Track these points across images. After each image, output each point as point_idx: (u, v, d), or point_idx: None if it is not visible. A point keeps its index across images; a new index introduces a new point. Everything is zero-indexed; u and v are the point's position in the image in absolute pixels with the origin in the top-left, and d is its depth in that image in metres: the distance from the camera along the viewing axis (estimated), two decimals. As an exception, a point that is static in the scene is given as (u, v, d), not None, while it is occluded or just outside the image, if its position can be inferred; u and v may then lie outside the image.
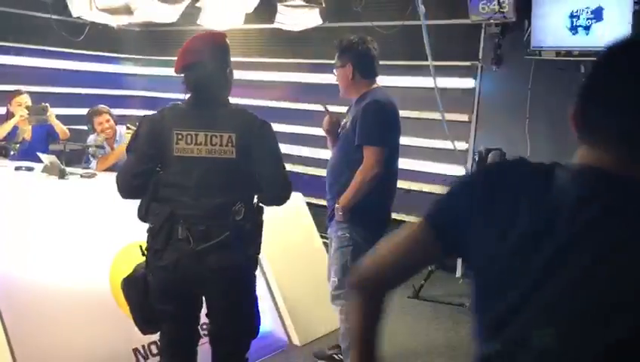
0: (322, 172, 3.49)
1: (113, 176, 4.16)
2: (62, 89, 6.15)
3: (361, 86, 2.95)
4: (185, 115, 2.19)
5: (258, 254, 2.30)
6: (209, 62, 2.20)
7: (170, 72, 6.88)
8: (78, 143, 4.67)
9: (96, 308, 2.85)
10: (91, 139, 4.49)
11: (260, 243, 2.29)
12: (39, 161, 4.31)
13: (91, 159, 4.49)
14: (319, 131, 3.38)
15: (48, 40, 6.06)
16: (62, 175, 3.96)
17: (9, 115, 4.85)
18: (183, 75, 2.25)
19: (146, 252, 2.21)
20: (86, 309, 2.81)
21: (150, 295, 2.19)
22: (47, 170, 4.12)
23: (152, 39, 7.06)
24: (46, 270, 2.78)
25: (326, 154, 3.31)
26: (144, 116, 2.24)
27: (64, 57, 6.35)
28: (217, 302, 2.24)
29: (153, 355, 2.93)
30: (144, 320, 2.27)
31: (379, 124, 2.88)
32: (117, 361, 2.81)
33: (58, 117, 4.81)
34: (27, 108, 4.72)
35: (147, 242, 2.20)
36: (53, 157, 4.21)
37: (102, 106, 4.53)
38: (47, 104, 4.71)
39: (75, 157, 4.85)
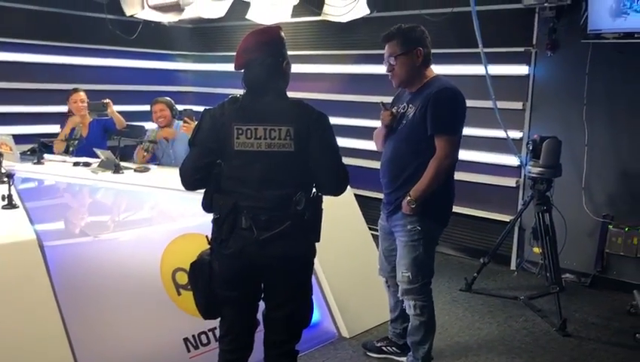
0: (369, 163, 3.42)
1: (165, 170, 4.35)
2: (117, 86, 6.31)
3: (424, 74, 2.83)
4: (244, 109, 2.22)
5: (318, 241, 2.33)
6: (264, 58, 2.23)
7: (221, 67, 7.00)
8: (132, 138, 4.80)
9: (148, 298, 2.92)
10: (148, 132, 4.60)
11: (320, 231, 2.32)
12: (96, 156, 4.46)
13: (145, 154, 4.59)
14: (366, 123, 3.33)
15: (103, 39, 6.27)
16: (117, 169, 4.09)
17: (69, 113, 5.05)
18: (242, 71, 2.29)
19: (211, 241, 2.29)
20: (138, 299, 2.88)
21: (215, 281, 2.27)
22: (102, 164, 4.27)
23: (202, 36, 7.18)
24: (100, 260, 2.86)
25: (373, 145, 3.20)
26: (205, 110, 2.28)
27: (119, 56, 6.53)
28: (277, 286, 2.30)
29: (203, 345, 2.98)
30: (208, 306, 2.34)
31: (453, 113, 2.77)
32: (168, 350, 2.87)
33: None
34: (88, 104, 4.87)
35: (212, 232, 2.28)
36: (108, 153, 4.36)
37: (162, 98, 4.63)
38: (108, 100, 4.84)
39: (129, 152, 4.98)
